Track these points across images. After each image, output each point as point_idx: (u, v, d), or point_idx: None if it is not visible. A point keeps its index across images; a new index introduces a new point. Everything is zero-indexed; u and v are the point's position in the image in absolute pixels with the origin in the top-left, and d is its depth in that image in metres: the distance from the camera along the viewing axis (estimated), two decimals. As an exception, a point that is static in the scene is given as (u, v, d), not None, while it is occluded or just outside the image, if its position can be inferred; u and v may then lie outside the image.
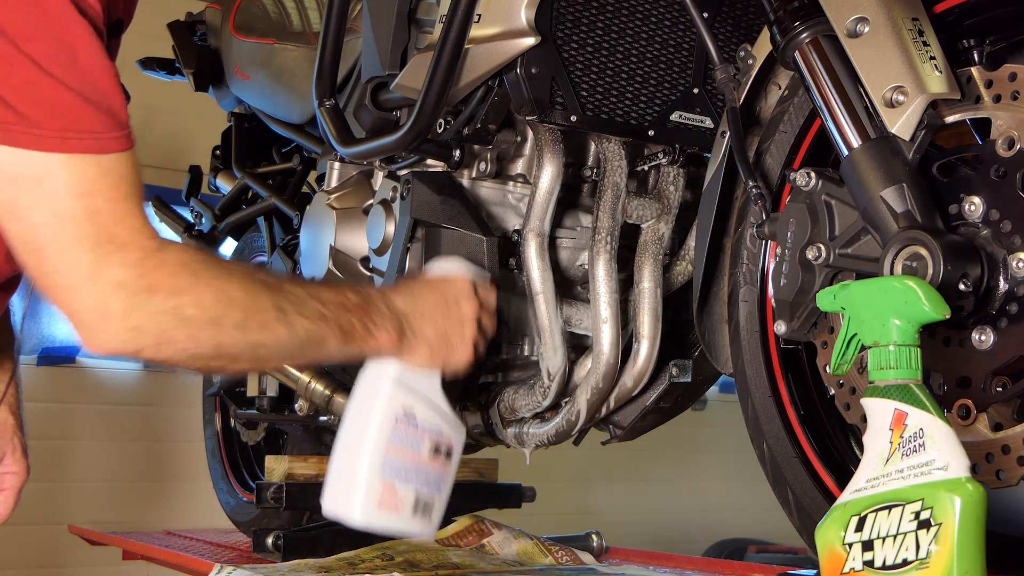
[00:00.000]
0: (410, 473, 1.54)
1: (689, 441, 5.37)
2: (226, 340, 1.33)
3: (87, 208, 1.23)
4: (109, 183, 1.25)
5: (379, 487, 1.51)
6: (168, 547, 2.51)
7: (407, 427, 1.53)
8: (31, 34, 1.20)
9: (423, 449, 1.55)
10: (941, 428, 1.06)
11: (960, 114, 1.34)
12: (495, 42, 1.73)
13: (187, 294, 1.29)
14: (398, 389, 1.52)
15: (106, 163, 1.24)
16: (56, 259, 1.24)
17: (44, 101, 1.21)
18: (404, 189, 1.86)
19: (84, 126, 1.23)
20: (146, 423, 4.39)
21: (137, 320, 1.26)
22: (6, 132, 1.19)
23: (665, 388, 1.94)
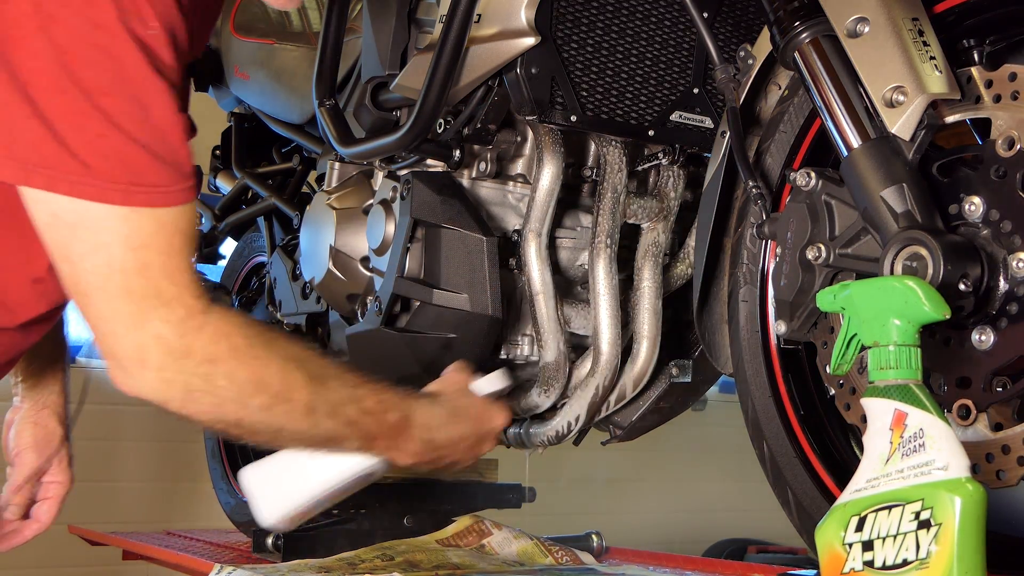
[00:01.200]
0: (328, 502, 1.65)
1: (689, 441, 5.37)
2: (248, 418, 1.36)
3: (139, 261, 1.25)
4: (164, 237, 1.27)
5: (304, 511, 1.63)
6: (168, 547, 2.50)
7: (363, 480, 1.61)
8: (107, 89, 1.22)
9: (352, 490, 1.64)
10: (941, 428, 1.05)
11: (960, 114, 1.34)
12: (495, 42, 1.73)
13: (221, 364, 1.31)
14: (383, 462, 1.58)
15: (164, 217, 1.27)
16: (101, 305, 1.26)
17: (113, 155, 1.22)
18: (404, 189, 1.86)
19: (148, 180, 1.25)
20: (146, 423, 4.39)
21: (169, 375, 1.29)
22: (71, 184, 1.21)
23: (665, 388, 1.94)
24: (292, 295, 2.31)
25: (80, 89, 1.20)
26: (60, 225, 1.25)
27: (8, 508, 1.75)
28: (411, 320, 1.88)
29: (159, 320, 1.27)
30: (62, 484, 1.83)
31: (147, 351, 1.27)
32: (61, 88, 1.20)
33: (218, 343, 1.31)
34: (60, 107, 1.20)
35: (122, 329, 1.27)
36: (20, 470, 1.78)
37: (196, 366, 1.30)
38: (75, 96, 1.20)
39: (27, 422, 1.79)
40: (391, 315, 1.90)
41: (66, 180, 1.21)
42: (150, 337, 1.27)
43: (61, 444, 1.82)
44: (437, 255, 1.81)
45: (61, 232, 1.25)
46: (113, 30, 1.22)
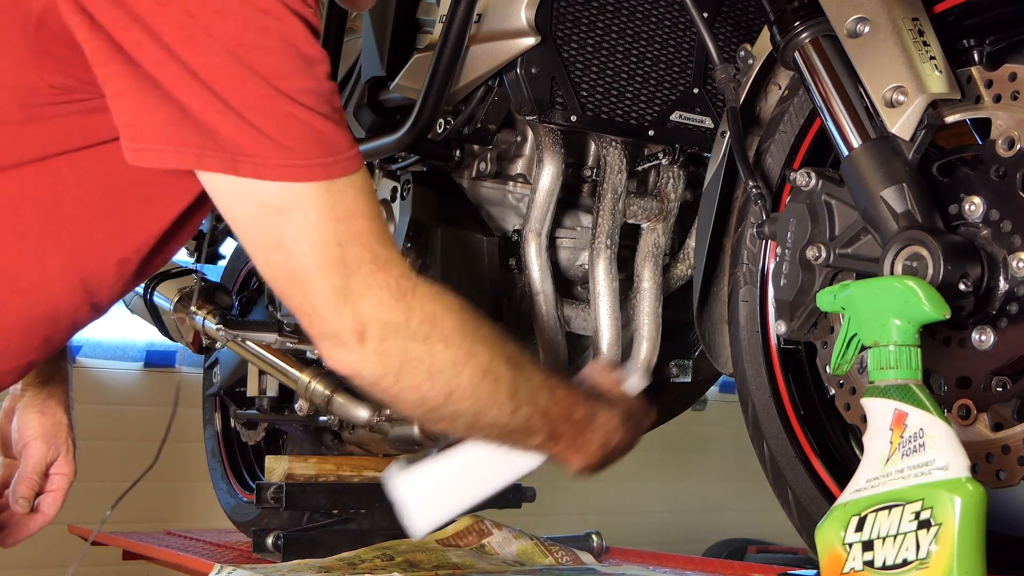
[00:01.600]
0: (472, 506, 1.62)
1: (689, 441, 5.37)
2: (457, 391, 1.32)
3: (351, 230, 1.25)
4: (364, 201, 1.27)
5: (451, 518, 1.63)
6: (168, 547, 2.51)
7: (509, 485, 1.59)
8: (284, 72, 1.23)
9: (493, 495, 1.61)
10: (941, 428, 1.05)
11: (960, 114, 1.34)
12: (495, 42, 1.73)
13: (438, 326, 1.29)
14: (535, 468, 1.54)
15: (358, 181, 1.27)
16: (321, 286, 1.25)
17: (305, 133, 1.23)
18: (404, 189, 1.86)
19: (338, 149, 1.25)
20: (146, 423, 4.39)
21: (390, 345, 1.27)
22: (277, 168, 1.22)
23: (665, 388, 1.94)
24: (292, 295, 2.31)
25: (261, 77, 1.21)
26: (269, 213, 1.24)
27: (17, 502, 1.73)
28: (411, 320, 1.87)
29: (378, 285, 1.26)
30: (66, 476, 1.80)
31: (368, 322, 1.26)
32: (241, 79, 1.20)
33: (435, 302, 1.29)
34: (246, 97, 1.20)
35: (343, 304, 1.25)
36: (29, 461, 1.74)
37: (417, 327, 1.28)
38: (257, 84, 1.21)
39: (32, 411, 1.76)
40: (391, 315, 1.89)
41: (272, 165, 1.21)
42: (371, 307, 1.26)
43: (67, 434, 1.79)
44: (437, 255, 1.81)
45: (271, 220, 1.24)
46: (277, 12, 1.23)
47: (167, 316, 2.50)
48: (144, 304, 2.54)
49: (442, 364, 1.30)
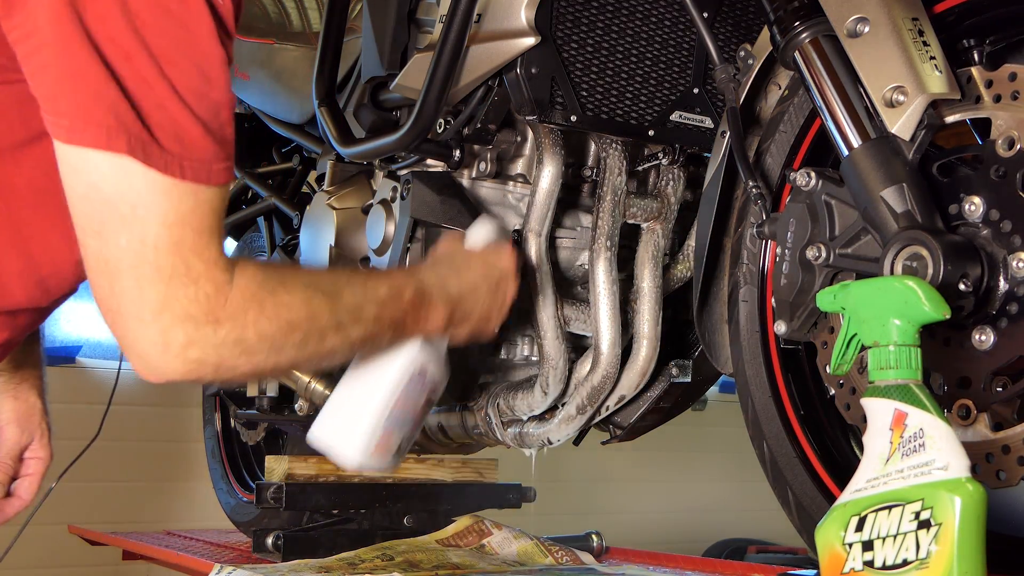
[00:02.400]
0: (405, 421, 1.62)
1: (689, 441, 5.37)
2: (284, 360, 1.35)
3: (173, 238, 1.23)
4: (200, 215, 1.24)
5: (381, 435, 1.59)
6: (168, 547, 2.51)
7: (419, 381, 1.59)
8: (174, 59, 1.21)
9: (421, 400, 1.63)
10: (941, 428, 1.05)
11: (960, 114, 1.34)
12: (495, 42, 1.73)
13: (251, 326, 1.30)
14: (422, 350, 1.57)
15: (204, 195, 1.24)
16: (129, 286, 1.23)
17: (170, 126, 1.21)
18: (404, 189, 1.86)
19: (197, 155, 1.23)
20: (146, 423, 4.39)
21: (198, 353, 1.26)
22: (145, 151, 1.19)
23: (665, 388, 1.94)
24: (292, 295, 2.31)
25: (149, 55, 1.19)
26: (97, 198, 1.21)
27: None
28: (411, 320, 1.87)
29: (187, 299, 1.24)
30: (42, 460, 1.78)
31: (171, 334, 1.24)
32: (132, 52, 1.18)
33: (247, 306, 1.29)
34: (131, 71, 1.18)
35: (147, 313, 1.23)
36: (2, 446, 1.74)
37: (227, 333, 1.28)
38: (145, 61, 1.18)
39: (6, 396, 1.75)
40: (391, 315, 1.90)
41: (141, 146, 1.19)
42: (175, 319, 1.24)
43: (42, 418, 1.78)
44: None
45: (96, 205, 1.21)
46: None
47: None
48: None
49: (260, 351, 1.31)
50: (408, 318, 1.48)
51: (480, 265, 1.60)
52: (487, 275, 1.60)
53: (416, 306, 1.49)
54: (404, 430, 1.63)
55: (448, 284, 1.54)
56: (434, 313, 1.51)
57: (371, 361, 1.58)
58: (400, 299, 1.47)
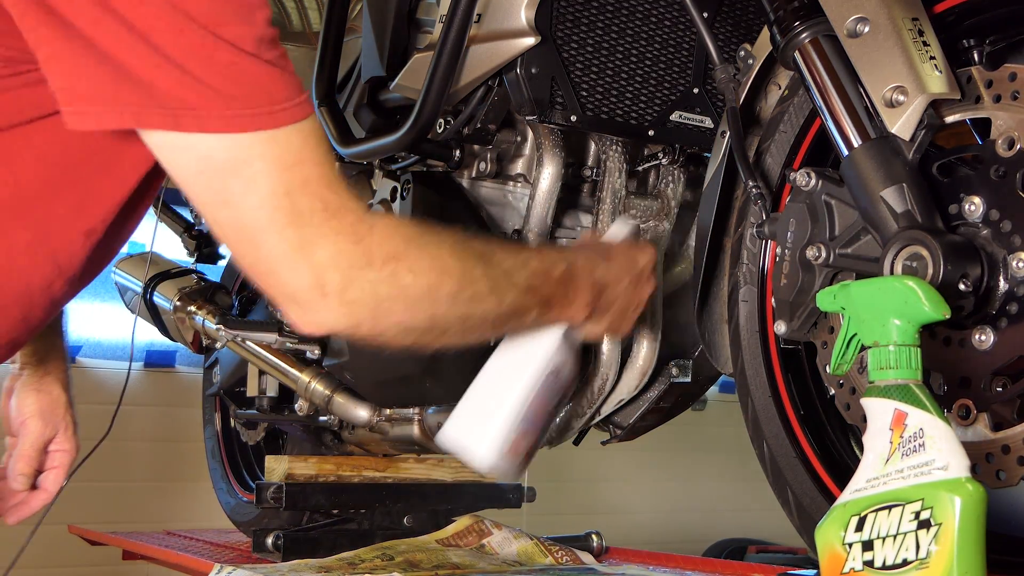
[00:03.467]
0: (537, 423, 1.54)
1: (689, 441, 5.37)
2: (439, 311, 1.30)
3: (300, 178, 1.20)
4: (312, 147, 1.22)
5: (514, 435, 1.51)
6: (168, 547, 2.51)
7: (554, 381, 1.53)
8: (221, 18, 1.18)
9: (554, 401, 1.56)
10: (941, 428, 1.05)
11: (960, 114, 1.34)
12: (495, 42, 1.73)
13: (403, 260, 1.26)
14: (562, 346, 1.51)
15: (306, 128, 1.22)
16: (273, 240, 1.20)
17: (247, 80, 1.19)
18: (404, 189, 1.86)
19: (283, 95, 1.20)
20: (146, 423, 4.39)
21: (355, 293, 1.23)
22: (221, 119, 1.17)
23: (665, 388, 1.94)
24: (292, 295, 2.31)
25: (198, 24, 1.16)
26: (214, 168, 1.19)
27: (16, 479, 1.70)
28: (411, 320, 1.87)
29: (333, 233, 1.21)
30: (68, 452, 1.77)
31: (326, 275, 1.22)
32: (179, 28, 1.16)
33: (393, 238, 1.26)
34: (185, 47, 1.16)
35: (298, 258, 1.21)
36: (27, 439, 1.73)
37: (380, 268, 1.24)
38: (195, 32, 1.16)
39: (29, 389, 1.74)
40: (391, 315, 1.89)
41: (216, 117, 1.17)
42: (327, 258, 1.21)
43: (66, 411, 1.77)
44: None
45: (216, 176, 1.19)
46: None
47: (167, 316, 2.50)
48: (144, 304, 2.54)
49: (416, 294, 1.27)
50: (556, 296, 1.43)
51: (625, 258, 1.55)
52: (631, 268, 1.55)
53: (564, 285, 1.44)
54: (536, 433, 1.56)
55: (596, 269, 1.49)
56: (580, 296, 1.46)
57: (506, 357, 1.53)
58: (550, 274, 1.42)
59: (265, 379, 2.41)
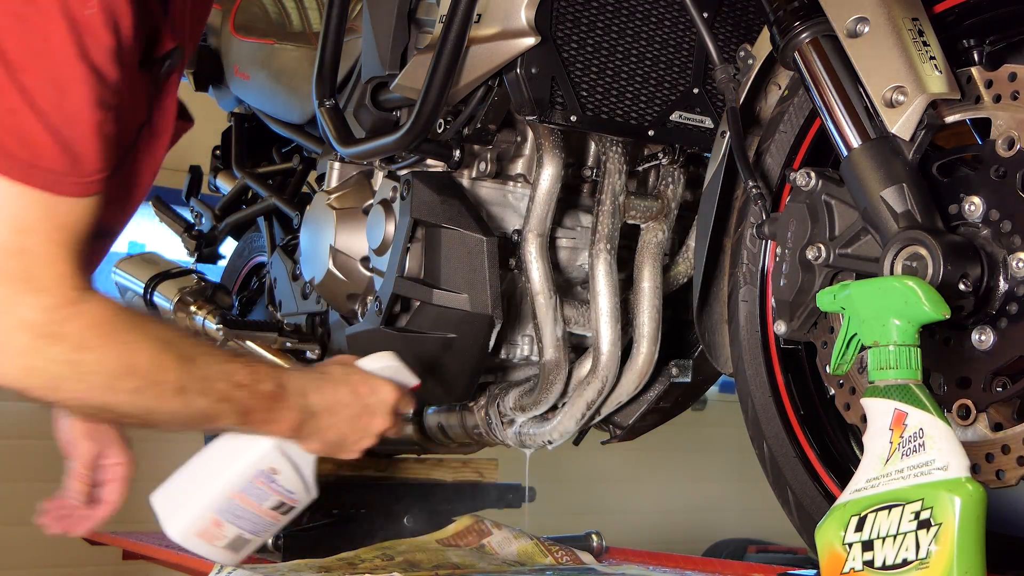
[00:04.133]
0: (244, 518, 1.63)
1: (689, 441, 5.37)
2: (119, 401, 1.36)
3: (19, 244, 1.25)
4: (50, 225, 1.27)
5: (207, 521, 1.62)
6: (168, 547, 2.50)
7: (264, 483, 1.61)
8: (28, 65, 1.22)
9: (267, 503, 1.64)
10: (941, 428, 1.06)
11: (960, 114, 1.34)
12: (495, 42, 1.73)
13: (91, 350, 1.31)
14: (274, 452, 1.59)
15: (57, 206, 1.27)
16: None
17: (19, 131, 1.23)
18: (404, 189, 1.86)
19: (47, 164, 1.25)
20: (146, 423, 4.38)
21: (32, 362, 1.28)
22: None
23: (665, 388, 1.94)
24: (292, 295, 2.32)
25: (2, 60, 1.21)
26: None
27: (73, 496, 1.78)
28: (411, 320, 1.88)
29: (28, 306, 1.26)
30: (123, 464, 1.83)
31: (10, 335, 1.26)
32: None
33: (90, 331, 1.31)
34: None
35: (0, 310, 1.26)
36: (78, 459, 1.80)
37: (65, 353, 1.30)
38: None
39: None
40: (391, 315, 1.90)
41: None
42: (16, 321, 1.26)
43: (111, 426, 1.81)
44: (437, 255, 1.81)
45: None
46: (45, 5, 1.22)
47: (167, 316, 2.50)
48: (144, 304, 2.54)
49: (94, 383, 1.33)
50: (257, 410, 1.49)
51: (353, 388, 1.60)
52: (354, 402, 1.59)
53: (270, 401, 1.50)
54: (245, 527, 1.64)
55: (309, 394, 1.55)
56: (286, 416, 1.52)
57: (223, 446, 1.61)
58: (256, 389, 1.48)
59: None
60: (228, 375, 1.45)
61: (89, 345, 1.31)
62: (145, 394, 1.37)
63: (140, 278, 2.54)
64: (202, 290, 2.45)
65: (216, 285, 2.53)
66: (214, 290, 2.47)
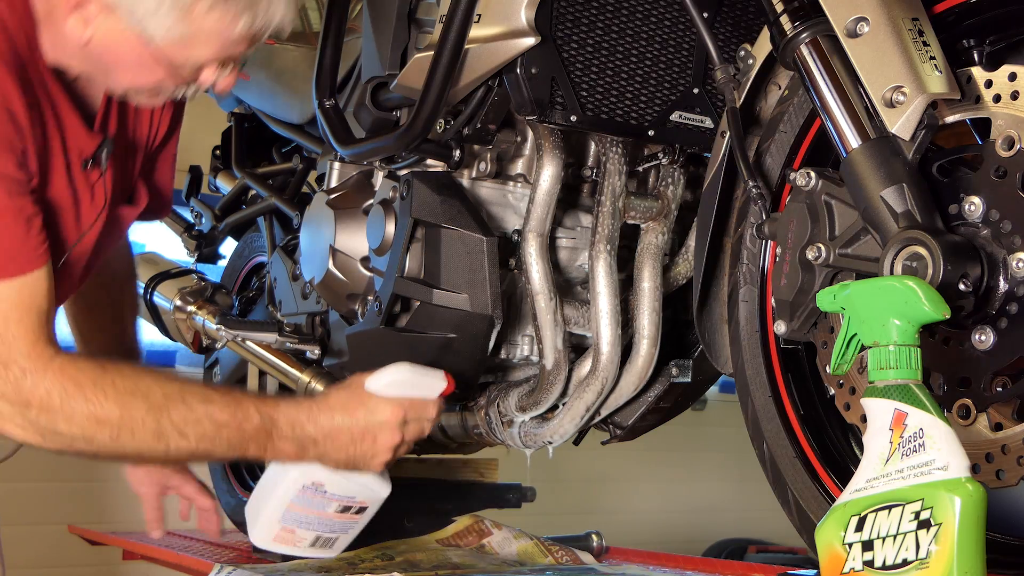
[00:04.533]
0: (312, 523, 1.84)
1: (689, 441, 5.37)
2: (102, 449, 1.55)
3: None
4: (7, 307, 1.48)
5: (277, 529, 1.85)
6: (168, 547, 2.50)
7: (314, 494, 1.81)
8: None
9: (330, 508, 1.84)
10: (941, 428, 1.06)
11: (960, 114, 1.34)
12: (495, 42, 1.73)
13: (57, 412, 1.50)
14: (311, 469, 1.77)
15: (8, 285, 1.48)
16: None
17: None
18: (404, 189, 1.86)
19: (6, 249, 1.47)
20: (146, 423, 4.38)
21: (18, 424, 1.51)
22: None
23: (665, 388, 1.94)
24: (292, 295, 2.31)
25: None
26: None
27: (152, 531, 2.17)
28: (411, 320, 1.88)
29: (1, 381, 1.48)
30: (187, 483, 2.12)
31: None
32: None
33: (52, 394, 1.50)
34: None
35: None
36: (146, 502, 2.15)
37: (37, 415, 1.50)
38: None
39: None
40: (391, 315, 1.90)
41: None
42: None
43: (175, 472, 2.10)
44: (437, 255, 1.81)
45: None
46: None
47: (167, 316, 2.50)
48: (144, 304, 2.54)
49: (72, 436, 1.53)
50: (251, 445, 1.64)
51: (347, 415, 1.71)
52: (352, 425, 1.70)
53: (260, 436, 1.64)
54: (319, 530, 1.85)
55: (303, 425, 1.68)
56: (281, 446, 1.66)
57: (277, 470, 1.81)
58: (242, 427, 1.62)
59: (265, 379, 2.41)
60: (208, 416, 1.59)
61: (54, 407, 1.50)
62: (124, 441, 1.54)
63: (140, 278, 2.54)
64: (202, 290, 2.45)
65: (216, 285, 2.53)
66: (214, 290, 2.48)
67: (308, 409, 1.70)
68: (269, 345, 2.22)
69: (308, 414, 1.69)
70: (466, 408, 2.05)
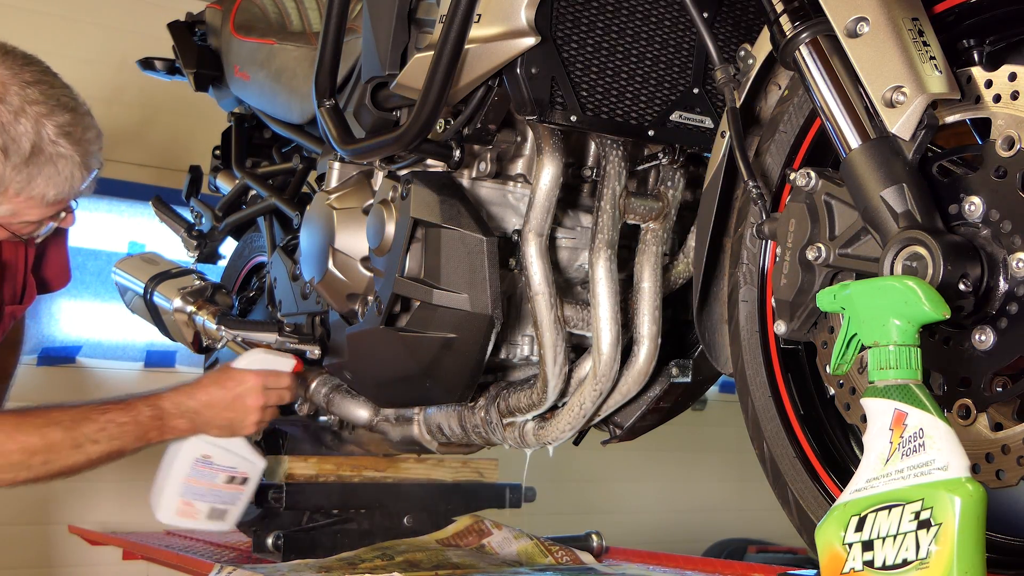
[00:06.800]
0: (206, 494, 2.15)
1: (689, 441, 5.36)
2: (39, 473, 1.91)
3: None
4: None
5: (177, 502, 2.13)
6: (168, 547, 2.51)
7: (205, 467, 2.13)
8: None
9: (218, 479, 2.15)
10: (941, 428, 1.06)
11: (960, 114, 1.34)
12: (495, 42, 1.73)
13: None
14: (198, 443, 2.11)
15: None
16: None
17: None
18: (404, 189, 1.86)
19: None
20: (146, 423, 4.38)
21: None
22: None
23: (665, 388, 1.94)
24: (292, 295, 2.32)
25: None
26: None
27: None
28: (411, 320, 1.88)
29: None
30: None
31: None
32: None
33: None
34: None
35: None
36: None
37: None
38: None
39: None
40: (391, 315, 1.90)
41: None
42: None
43: None
44: (437, 255, 1.81)
45: None
46: None
47: (167, 316, 2.50)
48: (144, 304, 2.54)
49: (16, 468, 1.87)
50: (150, 431, 2.00)
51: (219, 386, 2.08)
52: (225, 393, 2.07)
53: (156, 421, 2.01)
54: (212, 501, 2.15)
55: (186, 401, 2.05)
56: (175, 423, 2.03)
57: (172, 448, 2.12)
58: (139, 420, 1.98)
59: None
60: (110, 421, 1.95)
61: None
62: (55, 462, 1.90)
63: (140, 278, 2.55)
64: (202, 290, 2.46)
65: (216, 285, 2.53)
66: (214, 290, 2.48)
67: (187, 390, 2.07)
68: (269, 345, 2.22)
69: (188, 393, 2.06)
70: (466, 408, 2.05)
